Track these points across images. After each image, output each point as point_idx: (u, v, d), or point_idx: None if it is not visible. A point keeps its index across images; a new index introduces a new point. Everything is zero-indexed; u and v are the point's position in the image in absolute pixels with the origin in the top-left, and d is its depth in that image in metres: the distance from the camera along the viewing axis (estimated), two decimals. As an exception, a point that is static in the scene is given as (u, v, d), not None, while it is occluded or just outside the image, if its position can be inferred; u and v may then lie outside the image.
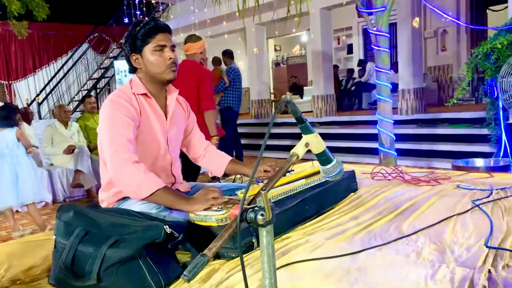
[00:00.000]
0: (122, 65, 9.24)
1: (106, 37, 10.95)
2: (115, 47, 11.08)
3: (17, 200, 3.48)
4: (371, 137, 5.76)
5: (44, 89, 9.76)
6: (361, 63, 9.36)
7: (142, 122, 1.46)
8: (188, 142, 1.75)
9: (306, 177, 1.67)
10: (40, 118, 8.64)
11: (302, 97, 10.48)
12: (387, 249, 1.23)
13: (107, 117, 1.40)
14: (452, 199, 1.71)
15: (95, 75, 10.64)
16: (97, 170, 4.56)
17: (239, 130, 6.37)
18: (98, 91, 10.19)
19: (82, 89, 10.50)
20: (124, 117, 1.39)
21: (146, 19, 1.57)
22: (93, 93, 9.64)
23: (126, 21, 8.93)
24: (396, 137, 4.05)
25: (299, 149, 0.92)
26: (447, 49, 8.67)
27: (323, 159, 0.99)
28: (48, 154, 4.88)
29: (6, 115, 3.50)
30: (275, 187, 1.50)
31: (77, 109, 9.16)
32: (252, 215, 0.75)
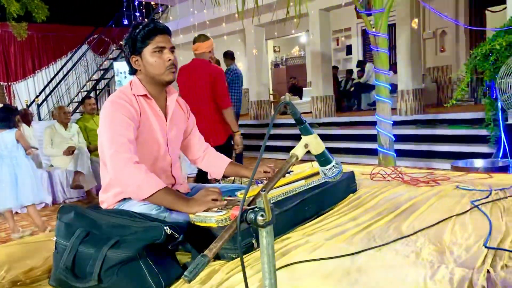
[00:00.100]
0: (122, 67, 9.25)
1: (106, 39, 10.97)
2: (114, 48, 11.10)
3: (17, 201, 3.48)
4: (370, 138, 5.77)
5: (43, 90, 9.77)
6: (360, 64, 9.38)
7: (142, 123, 1.47)
8: (187, 144, 1.75)
9: (305, 178, 1.67)
10: (39, 119, 8.64)
11: (301, 98, 10.50)
12: (386, 249, 1.23)
13: (107, 117, 1.41)
14: (451, 199, 1.71)
15: (94, 77, 10.65)
16: (97, 171, 4.57)
17: (238, 131, 6.36)
18: (97, 92, 10.20)
19: (81, 90, 10.52)
20: (124, 117, 1.40)
21: (146, 20, 1.58)
22: (92, 94, 9.66)
23: (125, 22, 8.95)
24: (395, 138, 4.06)
25: (299, 150, 0.93)
26: (446, 50, 8.69)
27: (322, 160, 0.99)
28: (48, 156, 4.89)
29: (5, 117, 3.50)
30: (275, 188, 1.50)
31: (77, 111, 9.17)
32: (252, 216, 0.75)
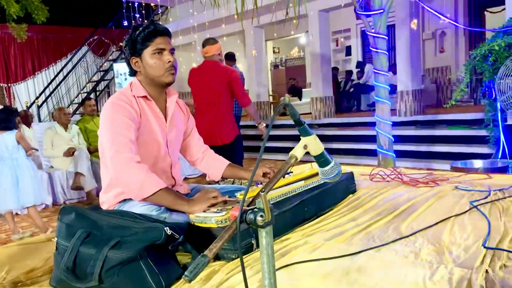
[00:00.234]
0: (122, 68, 9.27)
1: (106, 40, 10.97)
2: (114, 49, 11.10)
3: (18, 203, 3.48)
4: (369, 139, 5.78)
5: (43, 91, 9.77)
6: (359, 65, 9.38)
7: (142, 124, 1.48)
8: (186, 145, 1.76)
9: (305, 178, 1.68)
10: (39, 120, 8.64)
11: (300, 99, 10.50)
12: (385, 250, 1.24)
13: (108, 118, 1.42)
14: (450, 200, 1.72)
15: (94, 78, 10.66)
16: (97, 173, 4.57)
17: (238, 132, 6.37)
18: (97, 93, 10.20)
19: (81, 91, 10.52)
20: (125, 118, 1.41)
21: (146, 22, 1.59)
22: (92, 95, 9.66)
23: (125, 24, 8.96)
24: (395, 139, 4.07)
25: (298, 151, 0.93)
26: (445, 51, 8.69)
27: (321, 161, 1.00)
28: (48, 157, 4.89)
29: (6, 118, 3.50)
30: (274, 188, 1.51)
31: (77, 112, 9.17)
32: (251, 216, 0.76)
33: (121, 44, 9.47)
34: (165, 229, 1.12)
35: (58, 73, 10.18)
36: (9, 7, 6.89)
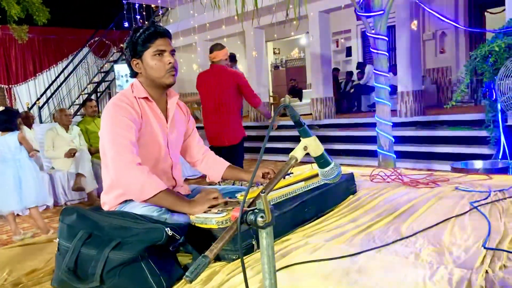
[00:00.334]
0: (123, 69, 9.28)
1: (107, 41, 10.99)
2: (115, 51, 11.12)
3: (21, 203, 3.48)
4: (370, 140, 5.78)
5: (44, 93, 9.79)
6: (360, 65, 9.39)
7: (143, 125, 1.48)
8: (187, 146, 1.76)
9: (305, 179, 1.68)
10: (40, 122, 8.66)
11: (301, 100, 10.51)
12: (386, 250, 1.24)
13: (109, 120, 1.42)
14: (451, 201, 1.72)
15: (95, 79, 10.68)
16: (98, 174, 4.57)
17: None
18: (98, 94, 10.22)
19: (82, 93, 10.54)
20: (126, 120, 1.41)
21: (146, 23, 1.60)
22: (93, 96, 9.68)
23: (126, 25, 8.98)
24: (395, 139, 4.07)
25: (298, 152, 0.94)
26: (445, 52, 8.70)
27: (321, 162, 1.00)
28: (49, 158, 4.90)
29: (7, 119, 3.51)
30: (275, 189, 1.51)
31: (78, 113, 9.19)
32: (252, 217, 0.76)
33: (122, 45, 9.49)
34: (166, 230, 1.12)
35: (59, 74, 10.20)
36: (10, 8, 6.91)
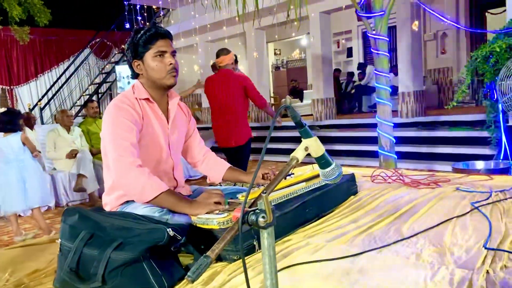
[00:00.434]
0: (124, 70, 9.29)
1: (108, 42, 11.02)
2: (116, 52, 11.14)
3: (25, 204, 3.48)
4: (371, 140, 5.77)
5: (46, 94, 9.82)
6: (361, 66, 9.39)
7: (144, 126, 1.49)
8: (188, 147, 1.76)
9: (306, 180, 1.68)
10: (42, 123, 8.68)
11: (302, 101, 10.51)
12: (387, 251, 1.24)
13: (110, 121, 1.43)
14: (452, 201, 1.72)
15: (96, 80, 10.70)
16: (99, 174, 4.58)
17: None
18: (99, 96, 10.23)
19: (84, 94, 10.56)
20: (127, 121, 1.42)
21: (148, 24, 1.60)
22: (95, 97, 9.69)
23: (127, 26, 9.00)
24: (396, 140, 4.06)
25: (299, 152, 0.94)
26: (446, 52, 8.69)
27: (322, 162, 1.00)
28: (50, 159, 4.91)
29: (10, 120, 3.52)
30: (276, 190, 1.51)
31: (79, 114, 9.21)
32: (253, 217, 0.77)
33: (123, 46, 9.52)
34: (167, 230, 1.12)
35: (61, 76, 10.22)
36: (11, 9, 6.92)
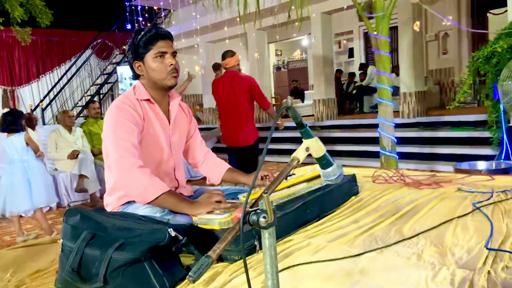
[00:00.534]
0: (125, 71, 9.31)
1: (109, 43, 11.04)
2: (118, 53, 11.16)
3: (32, 204, 3.49)
4: (372, 141, 5.77)
5: (47, 94, 9.84)
6: (362, 66, 9.38)
7: (145, 127, 1.49)
8: (188, 147, 1.76)
9: (307, 180, 1.68)
10: (44, 123, 8.69)
11: (303, 101, 10.51)
12: (388, 251, 1.24)
13: (111, 122, 1.43)
14: (453, 202, 1.72)
15: (98, 81, 10.72)
16: (100, 175, 4.59)
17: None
18: (101, 96, 10.26)
19: (85, 94, 10.58)
20: (128, 122, 1.42)
21: (149, 25, 1.61)
22: (96, 98, 9.71)
23: (128, 27, 9.00)
24: (398, 140, 4.06)
25: (300, 153, 0.94)
26: (448, 52, 8.68)
27: (323, 163, 1.00)
28: (52, 159, 4.92)
29: (13, 121, 3.52)
30: (277, 190, 1.52)
31: (81, 115, 9.22)
32: (254, 217, 0.77)
33: (124, 47, 9.52)
34: (169, 230, 1.13)
35: (62, 76, 10.25)
36: (13, 10, 6.93)
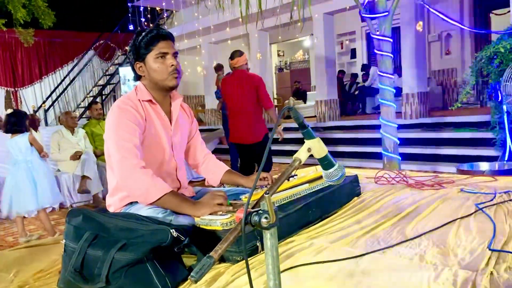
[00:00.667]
0: (128, 72, 9.33)
1: (112, 44, 11.07)
2: (120, 53, 11.19)
3: (37, 204, 3.50)
4: (374, 142, 5.76)
5: (50, 96, 9.87)
6: (364, 67, 9.37)
7: (147, 127, 1.49)
8: (189, 148, 1.76)
9: (309, 181, 1.68)
10: (46, 124, 8.73)
11: (305, 102, 10.50)
12: (390, 252, 1.24)
13: (113, 123, 1.43)
14: (456, 202, 1.71)
15: (100, 82, 10.75)
16: (103, 176, 4.60)
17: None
18: (103, 97, 10.28)
19: (87, 95, 10.61)
20: (130, 123, 1.43)
21: (151, 26, 1.61)
22: (98, 99, 9.74)
23: (131, 28, 9.03)
24: (400, 141, 4.05)
25: (302, 154, 0.94)
26: (451, 53, 8.65)
27: (325, 163, 1.00)
28: (55, 160, 4.93)
29: (16, 121, 3.53)
30: (279, 191, 1.52)
31: (83, 116, 9.25)
32: (256, 218, 0.77)
33: (126, 48, 9.56)
34: (171, 231, 1.13)
35: (65, 77, 10.29)
36: (16, 12, 6.97)
